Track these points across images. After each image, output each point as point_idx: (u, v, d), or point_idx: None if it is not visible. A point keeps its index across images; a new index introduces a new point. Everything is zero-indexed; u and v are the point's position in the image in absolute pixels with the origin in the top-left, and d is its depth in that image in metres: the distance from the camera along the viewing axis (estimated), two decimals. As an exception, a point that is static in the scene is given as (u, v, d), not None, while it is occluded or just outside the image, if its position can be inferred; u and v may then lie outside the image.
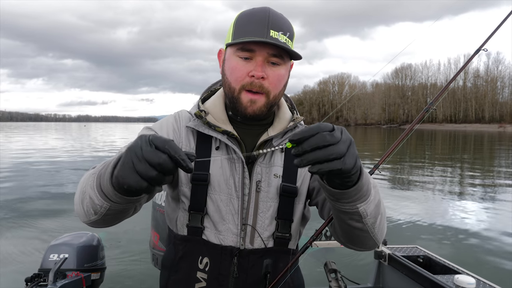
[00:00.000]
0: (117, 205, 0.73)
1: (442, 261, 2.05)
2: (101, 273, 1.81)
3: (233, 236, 0.96)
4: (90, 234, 1.88)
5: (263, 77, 0.91)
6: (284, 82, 0.98)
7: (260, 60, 0.91)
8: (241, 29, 0.91)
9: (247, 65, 0.92)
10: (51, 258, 1.67)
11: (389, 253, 2.19)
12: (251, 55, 0.91)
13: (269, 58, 0.91)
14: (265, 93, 0.93)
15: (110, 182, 0.69)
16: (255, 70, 0.90)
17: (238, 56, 0.92)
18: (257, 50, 0.90)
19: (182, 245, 0.99)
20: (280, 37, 0.89)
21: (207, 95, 1.10)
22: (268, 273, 0.97)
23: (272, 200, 0.98)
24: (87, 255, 1.74)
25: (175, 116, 1.05)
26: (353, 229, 0.81)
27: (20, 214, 5.74)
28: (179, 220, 1.00)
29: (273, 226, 0.99)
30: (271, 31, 0.88)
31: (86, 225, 0.85)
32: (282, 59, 0.93)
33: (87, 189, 0.77)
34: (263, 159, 0.99)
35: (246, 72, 0.91)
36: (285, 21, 0.93)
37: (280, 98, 1.00)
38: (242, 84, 0.93)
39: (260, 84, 0.92)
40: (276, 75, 0.93)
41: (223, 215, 0.96)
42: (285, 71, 0.96)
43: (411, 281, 1.96)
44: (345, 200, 0.73)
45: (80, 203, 0.80)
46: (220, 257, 0.96)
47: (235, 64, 0.93)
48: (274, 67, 0.93)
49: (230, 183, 0.97)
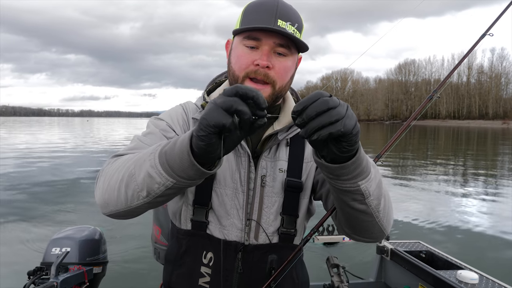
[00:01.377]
0: (183, 181, 0.69)
1: (445, 257, 2.04)
2: (103, 266, 1.81)
3: (238, 231, 0.95)
4: (92, 228, 1.88)
5: (268, 66, 0.89)
6: (290, 74, 0.95)
7: (266, 49, 0.89)
8: (248, 17, 0.90)
9: (252, 53, 0.90)
10: (53, 251, 1.67)
11: (391, 248, 2.18)
12: (257, 44, 0.89)
13: (276, 48, 0.89)
14: (271, 83, 0.91)
15: (189, 149, 0.65)
16: (260, 59, 0.88)
17: (244, 44, 0.90)
18: (263, 38, 0.88)
19: (186, 240, 0.98)
20: (288, 27, 0.87)
21: (212, 87, 1.09)
22: (273, 269, 0.96)
23: (277, 195, 0.97)
24: (89, 249, 1.74)
25: (183, 107, 1.04)
26: (357, 213, 0.78)
27: (23, 208, 5.77)
28: (182, 214, 0.98)
29: (278, 222, 0.98)
30: (279, 21, 0.87)
31: (107, 216, 0.81)
32: (289, 50, 0.91)
33: (140, 169, 0.72)
34: (268, 153, 0.98)
35: (251, 61, 0.89)
36: (294, 12, 0.92)
37: (286, 91, 0.98)
38: (246, 71, 0.90)
39: (265, 73, 0.89)
40: (282, 65, 0.91)
41: (228, 210, 0.95)
42: (292, 63, 0.94)
43: (414, 276, 1.95)
44: (345, 176, 0.70)
45: (120, 187, 0.75)
46: (224, 252, 0.95)
47: (240, 53, 0.91)
48: (280, 57, 0.91)
49: (235, 178, 0.95)
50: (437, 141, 26.01)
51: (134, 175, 0.73)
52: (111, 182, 0.78)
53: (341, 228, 0.91)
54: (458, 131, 46.10)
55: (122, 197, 0.76)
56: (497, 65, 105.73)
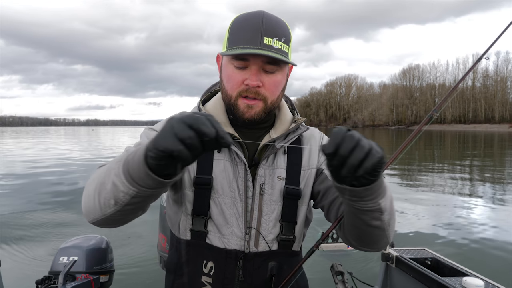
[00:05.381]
0: (144, 190, 0.69)
1: (450, 263, 2.03)
2: (110, 275, 1.83)
3: (238, 240, 0.96)
4: (99, 237, 1.91)
5: (259, 85, 0.90)
6: (281, 87, 0.97)
7: (254, 69, 0.90)
8: (235, 36, 0.90)
9: (242, 73, 0.91)
10: (61, 261, 1.70)
11: (396, 255, 2.18)
12: (246, 64, 0.90)
13: (264, 66, 0.90)
14: (262, 100, 0.93)
15: (144, 161, 0.65)
16: (250, 79, 0.90)
17: (233, 64, 0.91)
18: (251, 59, 0.89)
19: (186, 250, 0.98)
20: (274, 43, 0.88)
21: (207, 96, 1.10)
22: (274, 276, 0.97)
23: (276, 202, 0.98)
24: (96, 258, 1.76)
25: None
26: (371, 229, 0.80)
27: (30, 217, 5.81)
28: (181, 224, 0.99)
29: (277, 229, 0.99)
30: (265, 38, 0.87)
31: (92, 224, 0.82)
32: (278, 66, 0.91)
33: (108, 178, 0.73)
34: (266, 162, 0.99)
35: (241, 80, 0.91)
36: (281, 25, 0.91)
37: (278, 103, 0.99)
38: (238, 91, 0.92)
39: (256, 91, 0.91)
40: (272, 82, 0.92)
41: (227, 219, 0.96)
42: (282, 77, 0.95)
43: (419, 284, 1.95)
44: (369, 197, 0.71)
45: (95, 196, 0.77)
46: (225, 261, 0.95)
47: (230, 72, 0.93)
48: (270, 74, 0.92)
49: (233, 186, 0.96)
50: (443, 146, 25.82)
51: (104, 184, 0.75)
52: (89, 191, 0.80)
53: (347, 240, 0.92)
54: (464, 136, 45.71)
55: (97, 206, 0.77)
56: (502, 68, 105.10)
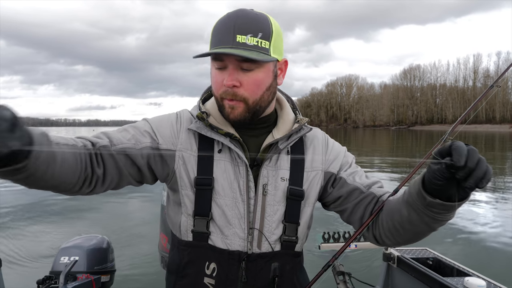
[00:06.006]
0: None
1: (452, 263, 2.03)
2: (111, 275, 1.83)
3: (240, 241, 0.95)
4: (100, 237, 1.91)
5: (235, 85, 0.89)
6: (264, 86, 0.92)
7: (231, 69, 0.88)
8: (213, 38, 0.90)
9: (221, 74, 0.90)
10: (62, 260, 1.70)
11: (398, 255, 2.17)
12: (223, 64, 0.89)
13: (241, 64, 0.88)
14: (242, 101, 0.91)
15: None
16: (225, 80, 0.89)
17: (214, 66, 0.92)
18: (225, 59, 0.88)
19: (187, 251, 0.97)
20: (248, 40, 0.86)
21: (207, 95, 1.08)
22: (277, 277, 0.97)
23: (279, 203, 0.97)
24: (97, 258, 1.76)
25: (177, 116, 1.03)
26: (430, 232, 0.88)
27: (31, 217, 5.82)
28: (182, 225, 0.98)
29: (280, 230, 0.98)
30: (238, 36, 0.85)
31: None
32: (257, 63, 0.88)
33: None
34: (269, 162, 0.98)
35: (221, 81, 0.90)
36: (257, 21, 0.88)
37: (267, 102, 0.96)
38: (219, 93, 0.92)
39: (233, 93, 0.89)
40: (251, 80, 0.89)
41: (229, 220, 0.95)
42: (265, 74, 0.91)
43: (421, 284, 1.94)
44: (455, 209, 0.77)
45: None
46: (227, 262, 0.94)
47: (213, 74, 0.93)
48: (248, 73, 0.89)
49: (234, 187, 0.95)
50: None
51: None
52: None
53: (383, 241, 0.98)
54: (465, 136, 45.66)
55: None
56: (503, 69, 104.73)
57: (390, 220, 0.91)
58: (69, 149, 0.81)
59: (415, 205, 0.81)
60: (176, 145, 0.97)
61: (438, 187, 0.73)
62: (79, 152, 0.84)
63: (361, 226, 0.97)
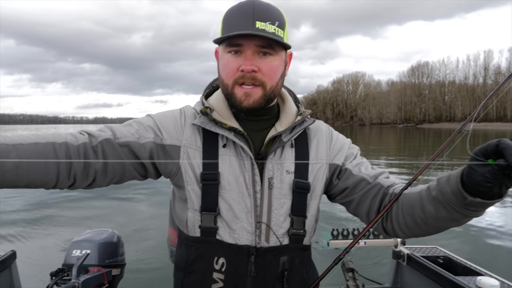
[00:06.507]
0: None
1: (464, 262, 2.00)
2: (121, 269, 1.85)
3: (248, 235, 0.94)
4: (111, 231, 1.92)
5: (254, 70, 0.89)
6: (279, 73, 0.94)
7: (249, 54, 0.89)
8: (227, 24, 0.90)
9: (237, 59, 0.90)
10: (74, 253, 1.72)
11: (408, 253, 2.16)
12: (240, 49, 0.89)
13: (259, 49, 0.89)
14: (261, 85, 0.91)
15: None
16: (244, 64, 0.88)
17: (228, 51, 0.91)
18: (244, 43, 0.88)
19: (195, 247, 0.97)
20: (267, 27, 0.87)
21: (209, 91, 1.09)
22: (286, 271, 0.97)
23: (286, 196, 0.97)
24: (108, 251, 1.78)
25: (181, 112, 1.03)
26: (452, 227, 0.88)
27: (43, 212, 5.92)
28: (189, 221, 0.97)
29: (288, 223, 0.98)
30: (257, 23, 0.86)
31: None
32: (273, 50, 0.90)
33: None
34: (274, 156, 0.97)
35: (236, 67, 0.90)
36: (273, 10, 0.90)
37: (278, 90, 0.97)
38: (233, 79, 0.91)
39: (252, 77, 0.89)
40: (269, 66, 0.90)
41: (236, 214, 0.94)
42: (279, 62, 0.93)
43: (431, 282, 1.92)
44: (489, 207, 0.76)
45: None
46: (236, 257, 0.94)
47: (225, 61, 0.92)
48: (266, 58, 0.90)
49: (240, 181, 0.95)
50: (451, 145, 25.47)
51: None
52: None
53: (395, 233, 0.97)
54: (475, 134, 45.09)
55: None
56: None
57: (409, 215, 0.90)
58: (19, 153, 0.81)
59: (449, 204, 0.79)
60: (181, 140, 0.97)
61: (488, 189, 0.70)
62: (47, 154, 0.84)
63: (374, 219, 0.95)
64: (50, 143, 0.85)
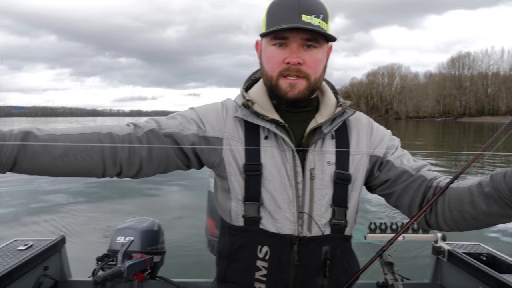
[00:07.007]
0: None
1: (509, 260, 1.91)
2: (162, 256, 1.92)
3: (291, 224, 0.96)
4: (151, 220, 2.00)
5: (300, 63, 0.91)
6: (322, 65, 0.97)
7: (294, 47, 0.91)
8: (273, 17, 0.92)
9: (282, 52, 0.92)
10: (118, 240, 1.80)
11: (449, 249, 2.08)
12: (285, 42, 0.91)
13: (304, 42, 0.91)
14: (305, 77, 0.93)
15: None
16: (290, 57, 0.90)
17: (273, 44, 0.93)
18: (290, 36, 0.90)
19: (239, 236, 0.99)
20: (313, 21, 0.88)
21: (249, 84, 1.11)
22: (328, 260, 0.98)
23: (327, 187, 0.98)
24: (150, 239, 1.85)
25: (222, 105, 1.06)
26: (501, 223, 0.88)
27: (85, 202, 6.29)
28: (232, 210, 1.00)
29: (329, 213, 0.99)
30: (303, 16, 0.88)
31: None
32: (318, 42, 0.92)
33: None
34: (315, 147, 0.99)
35: (281, 60, 0.92)
36: (318, 3, 0.92)
37: (321, 82, 1.00)
38: (278, 71, 0.93)
39: (298, 69, 0.92)
40: (313, 58, 0.92)
41: (279, 204, 0.97)
42: (323, 55, 0.95)
43: (474, 279, 1.85)
44: None
45: None
46: (279, 246, 0.96)
47: (270, 53, 0.94)
48: (310, 51, 0.92)
49: (282, 172, 0.97)
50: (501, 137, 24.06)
51: None
52: None
53: (439, 227, 0.96)
54: (521, 128, 42.17)
55: None
56: None
57: (457, 210, 0.89)
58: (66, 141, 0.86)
59: (503, 200, 0.79)
60: (223, 132, 1.00)
61: None
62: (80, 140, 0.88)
63: (419, 212, 0.95)
64: (95, 133, 0.91)
